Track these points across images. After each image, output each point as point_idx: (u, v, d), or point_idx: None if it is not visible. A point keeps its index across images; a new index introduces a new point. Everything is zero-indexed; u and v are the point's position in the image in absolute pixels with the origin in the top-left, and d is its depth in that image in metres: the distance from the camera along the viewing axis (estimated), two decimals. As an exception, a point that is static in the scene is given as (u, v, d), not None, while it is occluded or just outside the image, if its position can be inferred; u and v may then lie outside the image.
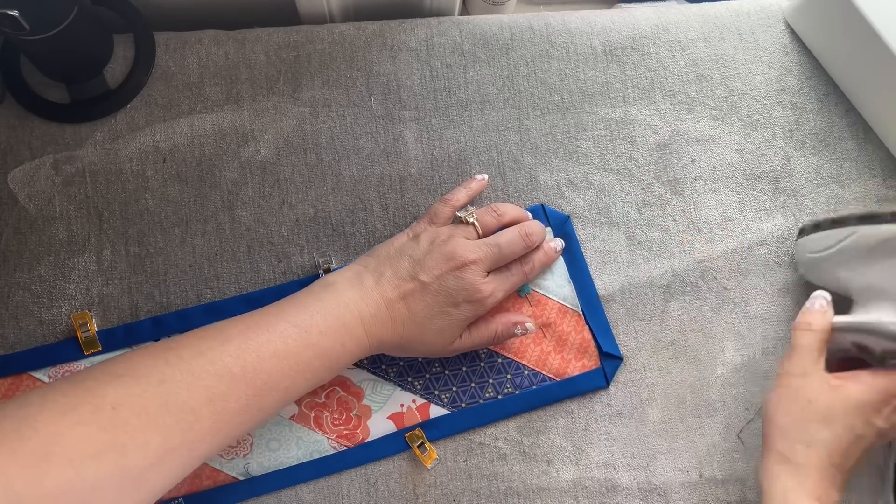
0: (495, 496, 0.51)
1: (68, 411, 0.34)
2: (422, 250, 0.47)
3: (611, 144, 0.57)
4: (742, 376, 0.55)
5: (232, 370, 0.39)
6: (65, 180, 0.53)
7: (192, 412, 0.37)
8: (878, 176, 0.58)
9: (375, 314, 0.45)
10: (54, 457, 0.32)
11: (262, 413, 0.41)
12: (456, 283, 0.46)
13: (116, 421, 0.35)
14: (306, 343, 0.42)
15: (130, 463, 0.35)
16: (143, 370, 0.37)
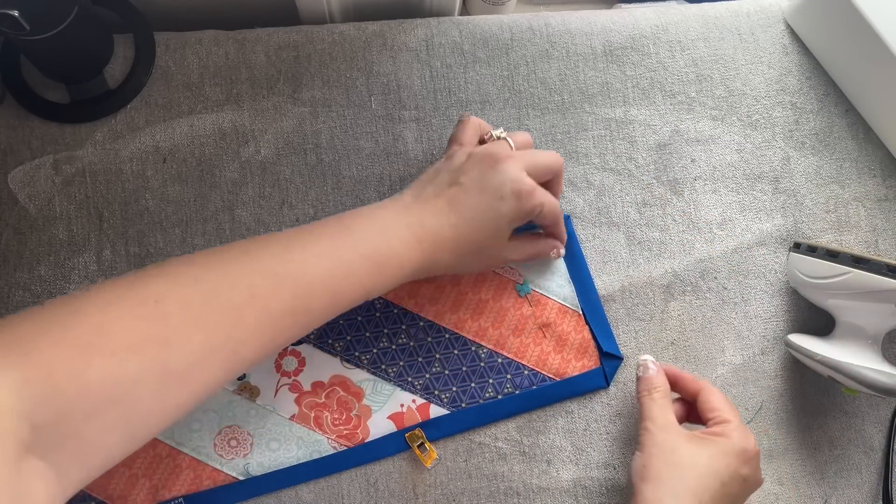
0: (495, 496, 0.51)
1: (112, 302, 0.34)
2: (458, 161, 0.47)
3: (611, 144, 0.57)
4: (742, 376, 0.55)
5: (275, 269, 0.38)
6: (65, 180, 0.53)
7: (235, 310, 0.36)
8: (877, 176, 0.58)
9: (422, 221, 0.44)
10: (97, 348, 0.32)
11: (307, 318, 0.40)
12: (497, 178, 0.45)
13: (159, 314, 0.34)
14: (351, 244, 0.41)
15: (173, 358, 0.34)
16: (185, 269, 0.37)
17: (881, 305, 0.47)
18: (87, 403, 0.31)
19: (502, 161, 0.46)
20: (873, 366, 0.48)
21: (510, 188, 0.45)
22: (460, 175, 0.46)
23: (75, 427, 0.31)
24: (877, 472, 0.55)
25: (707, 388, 0.49)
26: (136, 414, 0.33)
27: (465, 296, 0.53)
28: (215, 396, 0.51)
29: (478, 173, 0.46)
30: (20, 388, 0.29)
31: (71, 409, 0.31)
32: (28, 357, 0.30)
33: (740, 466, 0.45)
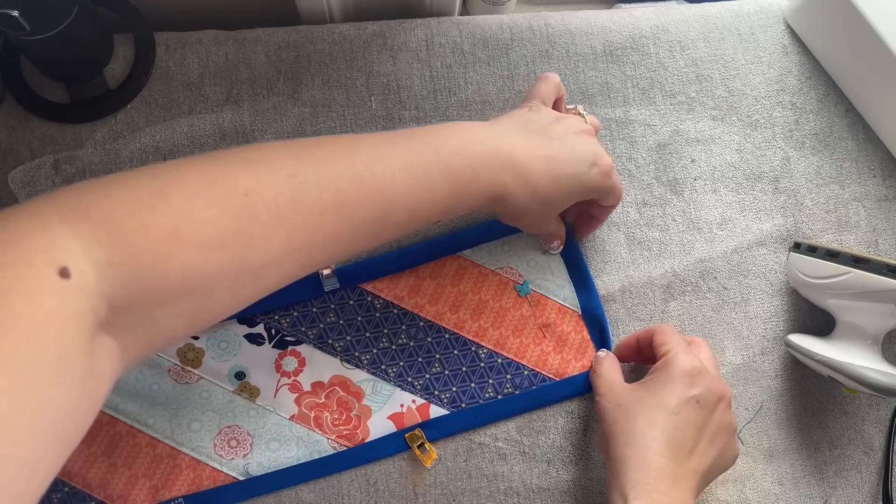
0: (495, 496, 0.51)
1: (202, 190, 0.33)
2: (546, 119, 0.47)
3: (611, 144, 0.57)
4: (742, 376, 0.55)
5: (363, 176, 0.37)
6: (65, 180, 0.53)
7: (319, 214, 0.36)
8: (877, 176, 0.58)
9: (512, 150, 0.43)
10: (182, 237, 0.31)
11: (384, 229, 0.39)
12: (586, 146, 0.46)
13: (248, 210, 0.33)
14: (437, 160, 0.40)
15: (253, 255, 0.33)
16: (276, 161, 0.36)
17: (881, 305, 0.47)
18: (164, 292, 0.31)
19: (591, 134, 0.47)
20: (873, 366, 0.48)
21: (595, 158, 0.46)
22: (549, 131, 0.46)
23: (148, 312, 0.31)
24: (877, 472, 0.55)
25: (656, 329, 0.50)
26: (206, 304, 0.33)
27: (465, 296, 0.53)
28: (215, 397, 0.51)
29: (570, 137, 0.46)
30: (104, 268, 0.29)
31: (148, 294, 0.30)
32: (114, 238, 0.30)
33: (687, 389, 0.44)
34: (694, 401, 0.44)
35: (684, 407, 0.44)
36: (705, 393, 0.45)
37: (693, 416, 0.44)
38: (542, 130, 0.46)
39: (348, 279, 0.52)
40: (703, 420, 0.44)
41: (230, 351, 0.52)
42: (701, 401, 0.44)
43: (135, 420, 0.50)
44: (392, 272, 0.53)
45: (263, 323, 0.52)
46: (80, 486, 0.49)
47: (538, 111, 0.47)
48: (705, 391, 0.45)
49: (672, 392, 0.44)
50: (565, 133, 0.46)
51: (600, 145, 0.48)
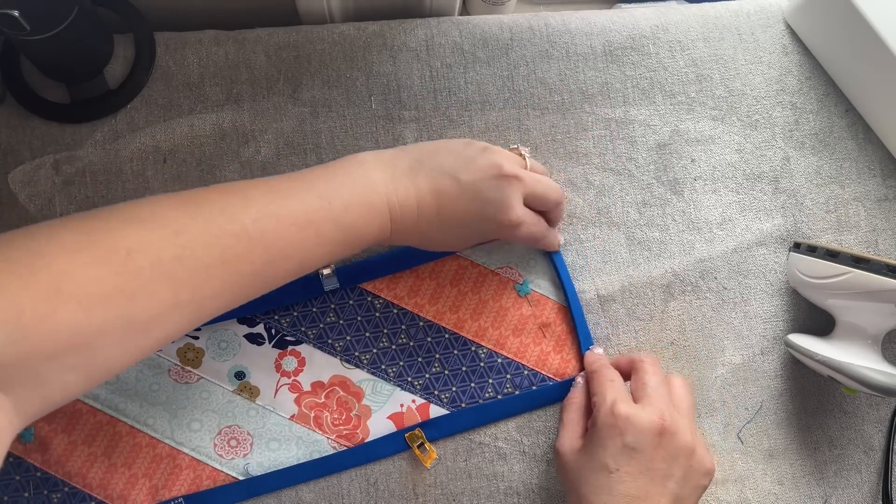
0: (495, 496, 0.51)
1: (82, 249, 0.33)
2: (471, 151, 0.46)
3: (611, 144, 0.57)
4: (742, 376, 0.55)
5: (250, 233, 0.38)
6: (65, 180, 0.53)
7: (205, 269, 0.36)
8: (877, 176, 0.58)
9: (404, 202, 0.44)
10: (64, 295, 0.32)
11: (274, 280, 0.41)
12: (494, 193, 0.45)
13: (129, 267, 0.34)
14: (329, 216, 0.41)
15: (138, 311, 0.34)
16: (163, 218, 0.36)
17: (881, 305, 0.47)
18: (51, 347, 0.31)
19: (508, 179, 0.46)
20: (873, 366, 0.48)
21: (496, 210, 0.46)
22: (462, 170, 0.45)
23: (37, 367, 0.31)
24: (877, 472, 0.55)
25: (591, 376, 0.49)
26: (96, 359, 0.34)
27: (465, 296, 0.53)
28: (215, 396, 0.51)
29: (480, 177, 0.45)
30: None
31: (35, 350, 0.31)
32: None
33: (617, 440, 0.43)
34: (629, 449, 0.43)
35: (621, 460, 0.43)
36: (637, 437, 0.43)
37: (634, 465, 0.43)
38: (456, 170, 0.45)
39: (348, 279, 0.53)
40: (647, 463, 0.43)
41: (230, 351, 0.52)
42: (637, 447, 0.43)
43: (135, 420, 0.50)
44: (392, 272, 0.53)
45: (263, 323, 0.52)
46: (80, 486, 0.49)
47: (468, 145, 0.47)
48: (637, 436, 0.43)
49: (604, 449, 0.43)
50: (479, 175, 0.45)
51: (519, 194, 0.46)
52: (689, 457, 0.44)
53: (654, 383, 0.47)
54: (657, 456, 0.43)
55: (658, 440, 0.43)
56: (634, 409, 0.44)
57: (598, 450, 0.44)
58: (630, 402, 0.45)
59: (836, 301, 0.50)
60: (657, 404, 0.45)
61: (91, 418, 0.50)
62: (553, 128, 0.57)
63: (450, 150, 0.47)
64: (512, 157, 0.48)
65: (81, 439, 0.49)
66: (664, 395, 0.46)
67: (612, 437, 0.43)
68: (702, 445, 0.45)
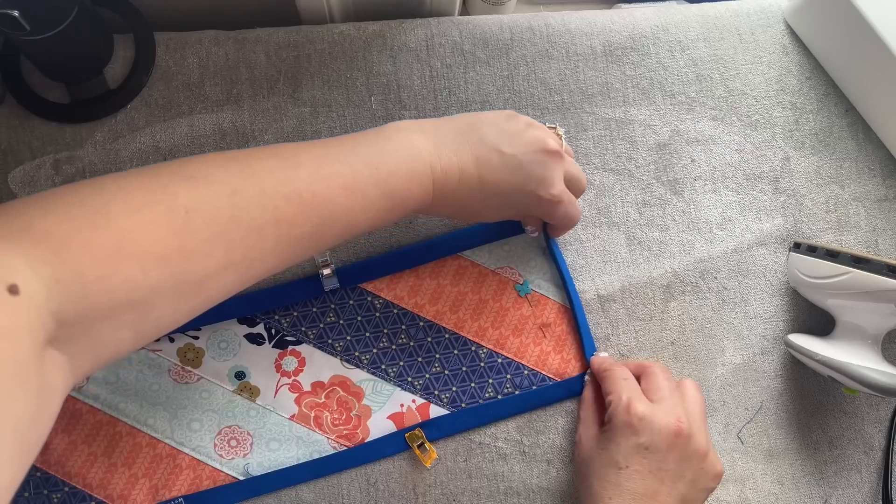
0: (495, 496, 0.51)
1: (143, 207, 0.34)
2: (515, 126, 0.46)
3: (611, 144, 0.57)
4: (742, 376, 0.55)
5: (302, 195, 0.38)
6: (65, 180, 0.53)
7: (258, 230, 0.37)
8: (877, 176, 0.58)
9: (447, 169, 0.44)
10: (124, 254, 0.32)
11: (321, 242, 0.41)
12: (537, 168, 0.45)
13: (188, 227, 0.34)
14: (375, 181, 0.41)
15: (193, 270, 0.35)
16: (217, 177, 0.37)
17: (881, 305, 0.47)
18: (109, 306, 0.32)
19: (552, 155, 0.46)
20: (873, 366, 0.48)
21: (538, 185, 0.46)
22: (506, 143, 0.45)
23: (95, 325, 0.32)
24: (877, 472, 0.55)
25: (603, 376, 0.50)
26: (150, 317, 0.34)
27: (465, 296, 0.53)
28: (215, 396, 0.51)
29: (524, 150, 0.45)
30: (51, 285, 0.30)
31: (94, 309, 0.31)
32: (59, 255, 0.31)
33: (631, 438, 0.44)
34: (642, 448, 0.44)
35: (633, 458, 0.44)
36: (652, 438, 0.44)
37: (645, 464, 0.44)
38: (500, 142, 0.45)
39: (348, 279, 0.53)
40: (658, 463, 0.44)
41: (230, 351, 0.52)
42: (650, 447, 0.44)
43: (135, 420, 0.50)
44: (392, 272, 0.53)
45: (263, 323, 0.52)
46: (80, 486, 0.49)
47: (511, 118, 0.47)
48: (652, 436, 0.44)
49: (617, 446, 0.44)
50: (523, 149, 0.45)
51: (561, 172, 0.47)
52: (701, 460, 0.45)
53: (668, 386, 0.48)
54: (670, 457, 0.44)
55: (673, 441, 0.44)
56: (651, 409, 0.45)
57: (610, 445, 0.45)
58: (646, 401, 0.46)
59: (836, 301, 0.50)
60: (672, 407, 0.46)
61: (91, 418, 0.50)
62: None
63: (493, 122, 0.46)
64: (553, 135, 0.48)
65: (81, 439, 0.49)
66: (678, 399, 0.47)
67: (626, 435, 0.44)
68: (713, 449, 0.46)
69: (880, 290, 0.46)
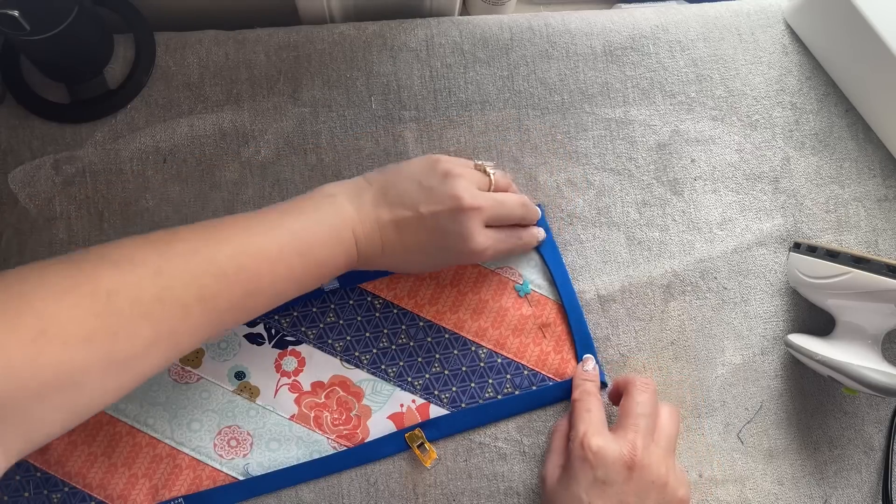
0: (495, 496, 0.51)
1: (66, 293, 0.35)
2: (432, 180, 0.46)
3: (611, 144, 0.57)
4: (742, 376, 0.55)
5: (227, 271, 0.40)
6: (65, 180, 0.53)
7: (183, 307, 0.38)
8: (877, 176, 0.58)
9: (369, 234, 0.46)
10: (49, 336, 0.33)
11: (248, 313, 0.42)
12: (452, 226, 0.46)
13: (111, 308, 0.35)
14: (300, 251, 0.43)
15: (119, 349, 0.36)
16: (139, 259, 0.38)
17: (881, 305, 0.47)
18: (37, 387, 0.33)
19: (466, 212, 0.46)
20: (873, 366, 0.48)
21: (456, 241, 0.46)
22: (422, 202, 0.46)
23: (23, 406, 0.33)
24: (877, 472, 0.55)
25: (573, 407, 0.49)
26: (80, 397, 0.35)
27: (464, 296, 0.53)
28: (215, 396, 0.51)
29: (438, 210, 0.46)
30: None
31: (21, 390, 0.32)
32: None
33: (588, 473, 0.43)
34: (599, 482, 0.43)
35: (593, 493, 0.43)
36: (607, 472, 0.43)
37: (606, 498, 0.43)
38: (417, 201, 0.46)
39: (348, 279, 0.53)
40: (619, 496, 0.43)
41: (230, 351, 0.52)
42: (606, 480, 0.43)
43: (135, 420, 0.50)
44: (392, 272, 0.53)
45: (263, 323, 0.52)
46: (80, 486, 0.49)
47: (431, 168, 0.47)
48: (606, 469, 0.43)
49: (577, 482, 0.44)
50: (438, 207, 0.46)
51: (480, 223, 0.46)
52: (660, 490, 0.44)
53: (637, 412, 0.46)
54: (628, 489, 0.43)
55: (628, 474, 0.43)
56: (606, 441, 0.44)
57: (571, 482, 0.44)
58: (603, 433, 0.45)
59: (836, 301, 0.50)
60: (631, 436, 0.45)
61: (91, 418, 0.50)
62: (553, 128, 0.57)
63: (412, 177, 0.47)
64: (473, 180, 0.48)
65: (81, 439, 0.49)
66: (644, 426, 0.46)
67: (583, 469, 0.44)
68: (675, 477, 0.45)
69: (880, 290, 0.46)
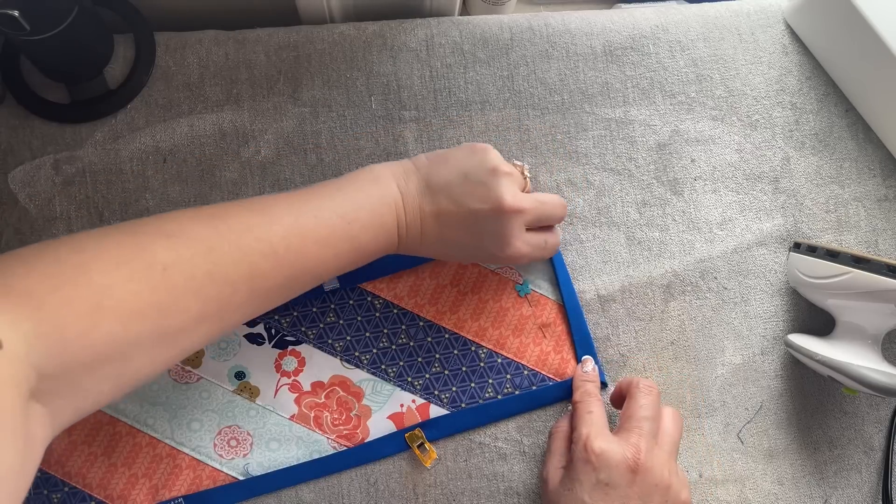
0: (495, 496, 0.51)
1: (122, 265, 0.35)
2: (479, 174, 0.46)
3: (611, 144, 0.57)
4: (742, 376, 0.55)
5: (277, 250, 0.40)
6: (65, 180, 0.53)
7: (232, 285, 0.39)
8: (877, 176, 0.58)
9: (411, 222, 0.46)
10: (105, 310, 0.33)
11: (292, 292, 0.43)
12: (494, 227, 0.46)
13: (165, 283, 0.36)
14: (347, 235, 0.43)
15: (170, 324, 0.36)
16: (194, 234, 0.38)
17: (881, 305, 0.47)
18: (90, 359, 0.33)
19: (509, 214, 0.46)
20: (873, 366, 0.48)
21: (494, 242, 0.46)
22: (467, 197, 0.46)
23: (75, 378, 0.33)
24: (877, 472, 0.55)
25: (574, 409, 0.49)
26: (129, 369, 0.36)
27: (464, 296, 0.53)
28: (215, 396, 0.51)
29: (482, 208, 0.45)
30: (32, 340, 0.31)
31: (74, 362, 0.33)
32: (40, 312, 0.32)
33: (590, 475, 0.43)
34: (602, 485, 0.43)
35: (597, 496, 0.43)
36: (610, 474, 0.43)
37: (609, 500, 0.43)
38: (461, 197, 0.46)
39: (348, 279, 0.53)
40: (622, 499, 0.43)
41: (230, 351, 0.52)
42: (609, 483, 0.43)
43: (135, 420, 0.50)
44: (392, 272, 0.53)
45: (263, 323, 0.52)
46: (80, 486, 0.49)
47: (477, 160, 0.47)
48: (609, 472, 0.43)
49: (580, 484, 0.43)
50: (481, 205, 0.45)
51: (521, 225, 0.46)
52: (664, 493, 0.44)
53: (641, 415, 0.46)
54: (632, 492, 0.43)
55: (632, 477, 0.43)
56: (609, 443, 0.44)
57: (575, 484, 0.44)
58: (606, 435, 0.45)
59: (836, 301, 0.50)
60: (635, 439, 0.44)
61: (91, 418, 0.50)
62: (553, 128, 0.57)
63: (460, 168, 0.46)
64: (516, 181, 0.48)
65: (81, 439, 0.50)
66: (647, 429, 0.45)
67: (586, 472, 0.43)
68: (678, 480, 0.45)
69: (880, 290, 0.46)
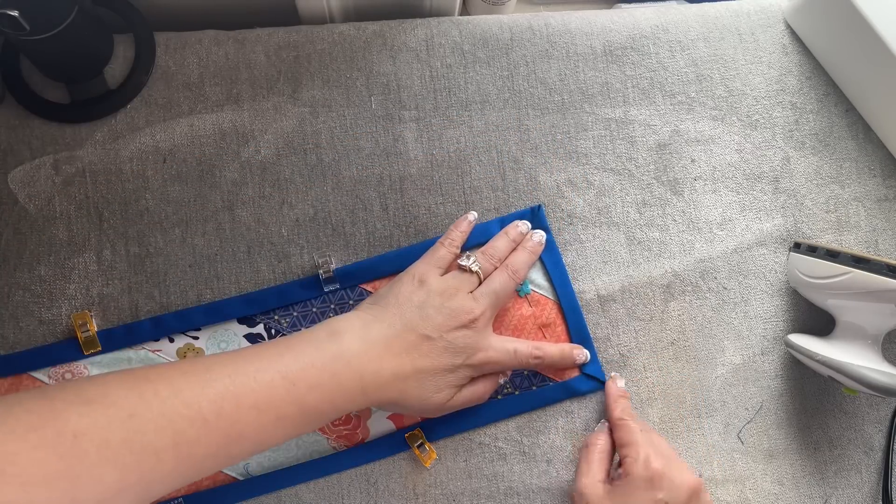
0: (495, 496, 0.51)
1: (30, 432, 0.34)
2: (431, 304, 0.46)
3: (611, 144, 0.57)
4: (742, 376, 0.55)
5: (206, 416, 0.38)
6: (65, 180, 0.53)
7: (155, 454, 0.36)
8: (877, 176, 0.58)
9: (378, 371, 0.44)
10: (8, 476, 0.32)
11: (229, 459, 0.40)
12: (464, 340, 0.46)
13: (75, 451, 0.34)
14: (292, 398, 0.41)
15: (81, 495, 0.34)
16: (114, 399, 0.36)
17: (881, 305, 0.47)
18: None
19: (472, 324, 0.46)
20: (873, 366, 0.48)
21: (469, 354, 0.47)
22: (428, 326, 0.45)
23: None
24: (877, 472, 0.55)
25: (616, 425, 0.49)
26: None
27: (465, 296, 0.53)
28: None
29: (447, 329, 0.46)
30: None
31: None
32: None
33: (653, 494, 0.44)
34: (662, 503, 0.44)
35: None
36: (672, 494, 0.44)
37: None
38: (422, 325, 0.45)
39: (348, 279, 0.53)
40: None
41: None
42: (669, 501, 0.44)
43: (135, 420, 0.50)
44: (392, 272, 0.53)
45: (263, 323, 0.52)
46: (79, 486, 0.49)
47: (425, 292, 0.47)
48: (671, 492, 0.44)
49: (636, 500, 0.44)
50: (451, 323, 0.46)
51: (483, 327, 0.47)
52: None
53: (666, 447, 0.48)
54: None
55: (688, 498, 0.44)
56: (666, 464, 0.45)
57: (629, 499, 0.44)
58: (662, 456, 0.46)
59: (836, 301, 0.50)
60: (681, 463, 0.46)
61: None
62: (553, 128, 0.57)
63: (410, 301, 0.46)
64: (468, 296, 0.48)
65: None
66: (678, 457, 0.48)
67: (646, 489, 0.44)
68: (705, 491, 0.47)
69: (880, 290, 0.46)
